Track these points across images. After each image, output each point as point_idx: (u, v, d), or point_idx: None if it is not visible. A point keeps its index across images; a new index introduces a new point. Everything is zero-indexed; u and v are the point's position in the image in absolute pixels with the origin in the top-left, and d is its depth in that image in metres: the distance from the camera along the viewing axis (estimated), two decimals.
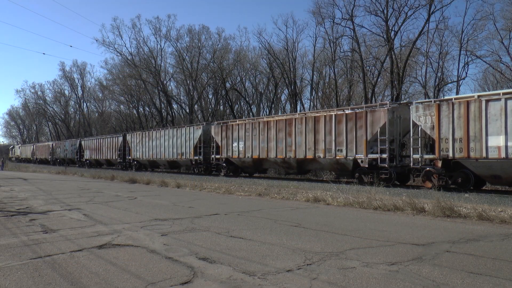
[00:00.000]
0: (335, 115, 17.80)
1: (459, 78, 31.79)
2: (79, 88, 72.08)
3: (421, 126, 14.79)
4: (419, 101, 15.89)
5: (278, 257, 4.75)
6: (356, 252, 5.02)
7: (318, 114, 18.83)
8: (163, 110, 52.03)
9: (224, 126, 24.24)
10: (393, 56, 30.25)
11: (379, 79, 33.59)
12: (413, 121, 15.12)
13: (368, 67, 34.25)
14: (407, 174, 16.66)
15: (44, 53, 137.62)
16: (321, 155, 18.19)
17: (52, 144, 55.94)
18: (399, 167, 16.31)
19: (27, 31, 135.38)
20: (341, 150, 17.43)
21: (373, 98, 32.93)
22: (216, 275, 4.02)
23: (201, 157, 26.29)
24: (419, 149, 15.02)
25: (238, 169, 24.08)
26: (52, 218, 7.89)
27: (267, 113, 45.72)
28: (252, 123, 22.16)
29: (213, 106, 51.60)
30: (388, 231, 6.59)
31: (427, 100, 14.99)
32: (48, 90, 78.07)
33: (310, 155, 18.71)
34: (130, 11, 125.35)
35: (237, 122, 23.53)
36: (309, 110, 38.75)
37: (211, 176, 23.84)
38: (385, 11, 30.75)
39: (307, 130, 18.86)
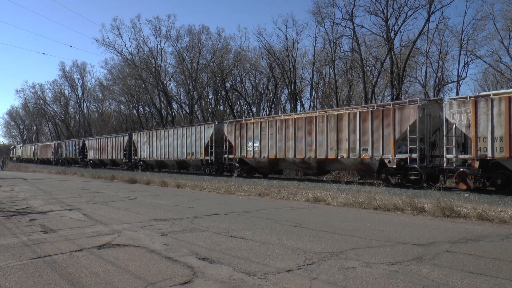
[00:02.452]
0: (359, 112, 16.84)
1: (459, 78, 31.78)
2: (79, 88, 72.17)
3: (455, 124, 13.84)
4: (452, 97, 14.91)
5: (278, 257, 4.75)
6: (356, 252, 5.02)
7: (341, 112, 17.88)
8: (163, 110, 52.03)
9: (237, 124, 23.19)
10: (393, 56, 30.25)
11: (379, 79, 33.58)
12: (446, 118, 14.22)
13: (368, 67, 34.25)
14: (436, 176, 15.80)
15: (44, 53, 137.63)
16: (344, 155, 17.28)
17: (54, 144, 55.07)
18: (429, 168, 15.30)
19: (27, 31, 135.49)
20: (366, 150, 16.47)
21: (373, 98, 32.92)
22: (216, 275, 4.02)
23: (212, 157, 25.26)
24: (453, 148, 14.14)
25: (252, 169, 23.18)
26: (52, 218, 7.89)
27: (267, 113, 45.69)
28: (268, 121, 21.18)
29: (213, 106, 51.60)
30: (388, 231, 6.59)
31: (461, 96, 14.15)
32: (48, 90, 78.22)
33: (332, 155, 17.82)
34: (130, 11, 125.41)
35: (252, 121, 22.55)
36: (309, 110, 38.74)
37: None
38: (385, 11, 30.76)
39: (329, 128, 17.94)
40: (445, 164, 14.49)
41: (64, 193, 13.67)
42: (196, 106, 50.23)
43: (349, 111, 17.48)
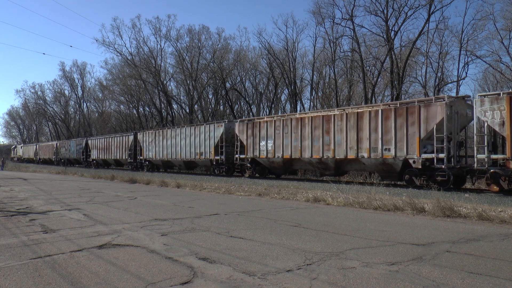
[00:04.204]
0: (381, 110, 16.12)
1: (459, 78, 31.79)
2: (79, 88, 72.20)
3: (487, 122, 13.07)
4: (483, 93, 14.21)
5: (278, 257, 4.75)
6: (356, 252, 5.02)
7: (361, 110, 17.19)
8: (163, 110, 52.04)
9: (250, 123, 22.43)
10: (393, 56, 30.26)
11: (379, 79, 33.61)
12: (477, 116, 13.45)
13: (368, 67, 34.28)
14: (463, 177, 15.16)
15: (44, 53, 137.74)
16: (365, 155, 16.56)
17: (56, 144, 53.93)
18: (456, 169, 14.56)
19: (27, 31, 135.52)
20: (389, 149, 15.71)
21: (373, 98, 32.94)
22: (216, 275, 4.02)
23: (222, 157, 24.44)
24: (485, 148, 13.27)
25: (265, 170, 22.45)
26: (52, 218, 7.89)
27: (267, 113, 45.71)
28: (283, 120, 20.46)
29: (213, 106, 51.63)
30: (388, 231, 6.59)
31: (494, 92, 13.39)
32: (48, 90, 78.25)
33: (351, 155, 17.11)
34: (130, 11, 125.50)
35: (265, 119, 21.82)
36: (309, 110, 38.74)
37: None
38: (385, 11, 30.78)
39: (348, 127, 17.23)
40: (475, 165, 13.64)
41: (64, 193, 13.67)
42: (196, 106, 50.25)
43: (370, 109, 16.76)
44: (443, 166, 14.25)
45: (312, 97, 43.70)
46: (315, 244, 5.51)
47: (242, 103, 52.41)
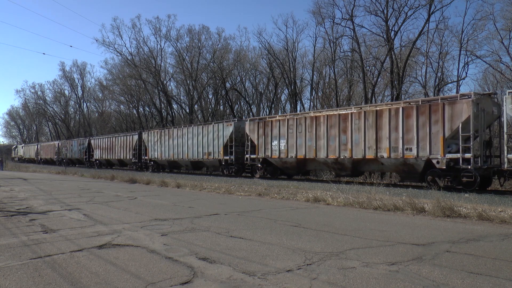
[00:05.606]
0: (402, 108, 15.51)
1: (459, 78, 31.78)
2: (79, 88, 72.19)
3: None
4: None
5: (278, 257, 4.75)
6: (356, 252, 5.02)
7: (380, 108, 16.58)
8: (163, 110, 52.04)
9: (261, 122, 21.77)
10: (393, 56, 30.25)
11: (379, 79, 33.58)
12: (508, 114, 12.83)
13: (368, 67, 34.25)
14: (490, 178, 14.59)
15: (44, 53, 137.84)
16: (385, 155, 15.94)
17: (58, 144, 53.03)
18: (483, 169, 13.91)
19: (27, 31, 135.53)
20: (411, 149, 15.09)
21: (373, 98, 32.92)
22: (216, 275, 4.02)
23: (232, 156, 23.83)
24: None
25: (277, 170, 21.86)
26: (52, 218, 7.89)
27: (267, 113, 45.71)
28: (296, 118, 19.83)
29: (213, 106, 51.64)
30: (388, 231, 6.59)
31: None
32: (48, 90, 78.23)
33: (370, 155, 16.48)
34: (130, 11, 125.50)
35: (277, 118, 21.26)
36: (309, 110, 38.76)
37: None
38: (385, 11, 30.75)
39: (366, 126, 16.62)
40: (505, 165, 13.05)
41: (64, 193, 13.67)
42: (196, 106, 50.26)
43: (389, 107, 16.17)
44: (469, 167, 13.57)
45: (312, 97, 43.74)
46: (315, 244, 5.51)
47: (242, 103, 52.45)
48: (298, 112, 33.98)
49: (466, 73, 50.54)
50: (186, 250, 5.09)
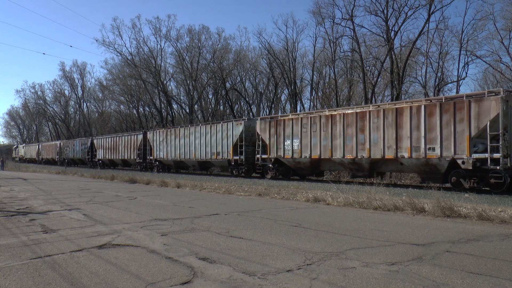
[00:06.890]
0: (424, 105, 14.81)
1: (459, 78, 31.82)
2: (79, 88, 72.23)
3: None
4: None
5: (278, 257, 4.75)
6: (356, 252, 5.02)
7: (400, 106, 15.87)
8: (163, 110, 52.07)
9: (273, 121, 21.15)
10: (393, 56, 30.25)
11: (379, 79, 33.61)
12: None
13: (368, 67, 34.27)
14: None
15: (44, 53, 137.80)
16: (405, 155, 15.29)
17: (60, 144, 51.94)
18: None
19: (27, 31, 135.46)
20: (434, 149, 14.41)
21: (373, 98, 32.94)
22: (216, 275, 4.02)
23: (242, 156, 23.13)
24: None
25: (289, 170, 21.17)
26: (52, 218, 7.89)
27: (267, 113, 45.72)
28: (310, 117, 19.14)
29: (213, 106, 51.65)
30: (388, 231, 6.59)
31: None
32: (48, 90, 78.22)
33: (390, 155, 15.83)
34: (130, 11, 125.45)
35: (290, 117, 20.59)
36: (309, 110, 38.76)
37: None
38: (385, 11, 30.77)
39: (385, 124, 15.97)
40: None
41: (64, 193, 13.67)
42: (196, 106, 50.27)
43: (410, 105, 15.52)
44: (498, 167, 12.91)
45: (312, 97, 43.76)
46: (315, 244, 5.51)
47: (242, 103, 52.47)
48: (298, 112, 34.01)
49: (466, 73, 50.53)
50: (186, 250, 5.09)
